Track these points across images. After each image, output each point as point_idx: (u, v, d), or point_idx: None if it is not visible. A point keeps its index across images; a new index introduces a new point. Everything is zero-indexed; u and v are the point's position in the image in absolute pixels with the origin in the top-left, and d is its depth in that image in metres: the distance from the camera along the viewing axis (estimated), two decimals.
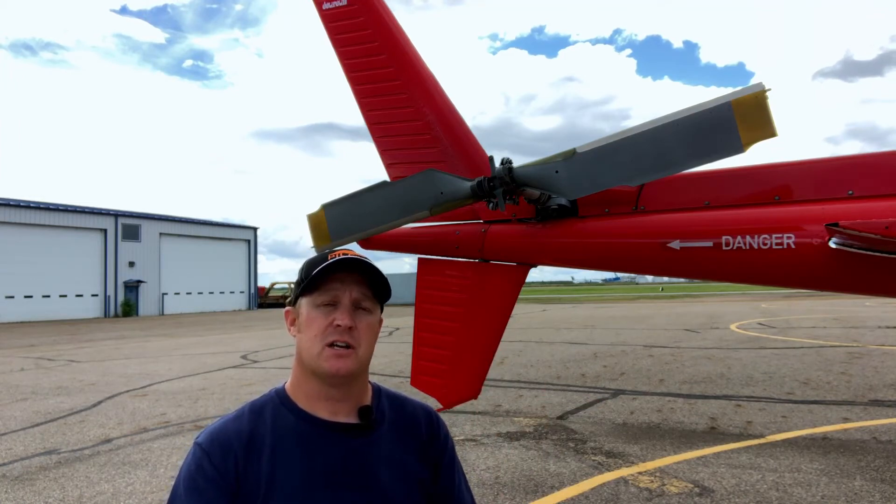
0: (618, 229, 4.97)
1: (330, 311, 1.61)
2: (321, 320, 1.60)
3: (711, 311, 34.21)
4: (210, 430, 1.61)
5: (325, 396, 1.63)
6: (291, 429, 1.59)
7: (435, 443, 1.76)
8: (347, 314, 1.60)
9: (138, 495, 5.76)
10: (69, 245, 47.80)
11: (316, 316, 1.61)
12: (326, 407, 1.63)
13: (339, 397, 1.63)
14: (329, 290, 1.62)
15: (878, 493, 5.33)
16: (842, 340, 17.35)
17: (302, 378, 1.65)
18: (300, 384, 1.66)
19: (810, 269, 4.25)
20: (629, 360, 14.40)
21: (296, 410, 1.62)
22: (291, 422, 1.61)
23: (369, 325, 1.65)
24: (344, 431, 1.61)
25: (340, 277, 1.62)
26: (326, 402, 1.63)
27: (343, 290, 1.62)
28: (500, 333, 5.34)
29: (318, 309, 1.62)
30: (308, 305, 1.64)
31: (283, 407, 1.64)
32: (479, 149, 5.46)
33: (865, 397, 9.42)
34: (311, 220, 5.21)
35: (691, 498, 5.33)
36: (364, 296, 1.64)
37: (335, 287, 1.62)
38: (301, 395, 1.65)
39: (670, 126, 3.94)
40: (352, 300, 1.62)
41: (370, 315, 1.66)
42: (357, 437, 1.62)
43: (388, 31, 5.49)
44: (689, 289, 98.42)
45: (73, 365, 16.23)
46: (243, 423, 1.61)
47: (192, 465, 1.55)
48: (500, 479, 5.98)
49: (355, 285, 1.63)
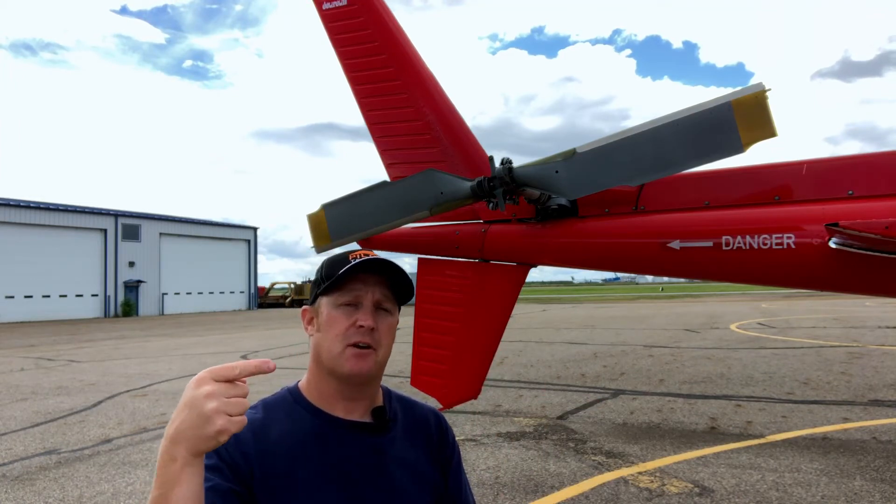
0: (618, 229, 4.97)
1: (352, 311, 1.59)
2: (343, 320, 1.58)
3: (711, 311, 34.21)
4: None
5: (342, 396, 1.62)
6: (307, 425, 1.58)
7: (444, 446, 1.76)
8: (370, 315, 1.59)
9: (138, 495, 5.76)
10: (69, 245, 47.79)
11: (338, 316, 1.59)
12: (342, 406, 1.62)
13: (355, 397, 1.63)
14: (352, 291, 1.60)
15: (878, 493, 5.33)
16: (842, 340, 17.36)
17: (319, 377, 1.64)
18: (316, 383, 1.64)
19: (810, 269, 4.25)
20: (629, 360, 14.40)
21: (311, 408, 1.61)
22: (306, 419, 1.59)
23: (389, 327, 1.64)
24: (361, 430, 1.61)
25: (363, 278, 1.61)
26: (342, 401, 1.62)
27: (366, 290, 1.60)
28: (500, 333, 5.34)
29: (339, 309, 1.60)
30: (329, 305, 1.62)
31: (298, 405, 1.62)
32: (479, 149, 5.46)
33: (865, 397, 9.42)
34: (311, 220, 5.21)
35: (691, 498, 5.33)
36: (385, 297, 1.63)
37: (358, 287, 1.60)
38: (315, 394, 1.63)
39: (670, 126, 3.94)
40: (374, 301, 1.61)
41: (390, 316, 1.65)
42: (373, 436, 1.62)
43: (388, 31, 5.49)
44: (689, 289, 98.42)
45: (73, 365, 16.23)
46: (256, 415, 1.58)
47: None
48: (500, 479, 5.98)
49: (378, 286, 1.62)
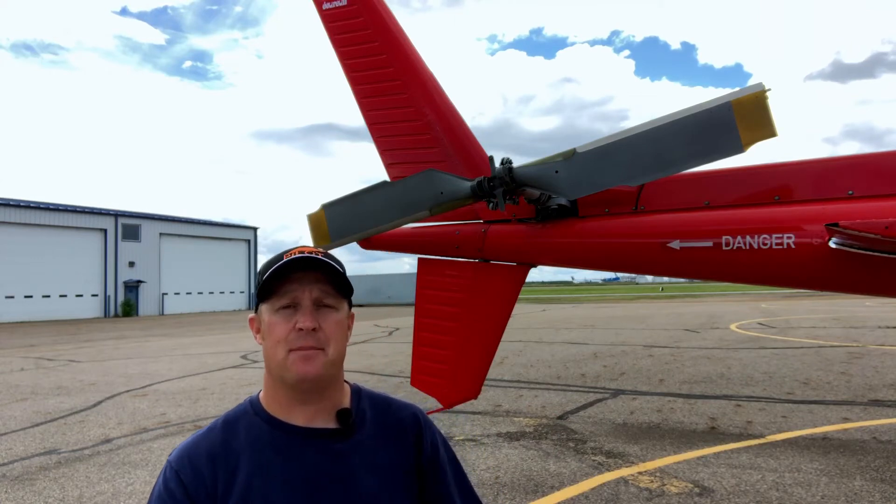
0: (618, 229, 4.97)
1: (291, 314, 1.51)
2: (282, 325, 1.51)
3: (711, 311, 34.19)
4: (181, 448, 1.55)
5: (299, 402, 1.55)
6: (266, 439, 1.53)
7: (421, 445, 1.65)
8: (309, 315, 1.50)
9: (138, 495, 5.76)
10: (69, 245, 47.80)
11: (277, 321, 1.52)
12: (302, 413, 1.55)
13: (313, 401, 1.55)
14: (287, 293, 1.52)
15: (878, 493, 5.33)
16: (842, 340, 17.35)
17: (272, 386, 1.58)
18: (272, 393, 1.58)
19: (810, 270, 4.24)
20: (629, 360, 14.40)
21: (269, 419, 1.55)
22: (266, 431, 1.54)
23: (337, 323, 1.55)
24: (322, 437, 1.54)
25: (298, 277, 1.52)
26: (301, 408, 1.55)
27: (302, 290, 1.52)
28: (500, 333, 5.34)
29: (277, 314, 1.52)
30: (268, 311, 1.54)
31: (258, 417, 1.57)
32: (479, 149, 5.46)
33: (865, 397, 9.41)
34: (311, 220, 5.21)
35: (691, 498, 5.33)
36: (325, 293, 1.54)
37: (293, 288, 1.52)
38: (274, 404, 1.57)
39: (670, 126, 3.94)
40: (313, 300, 1.52)
41: (336, 312, 1.56)
42: (336, 442, 1.55)
43: (389, 31, 5.49)
44: (689, 289, 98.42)
45: (73, 365, 16.23)
46: (215, 437, 1.54)
47: (162, 487, 1.49)
48: (500, 479, 5.98)
49: (315, 283, 1.53)
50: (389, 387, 10.86)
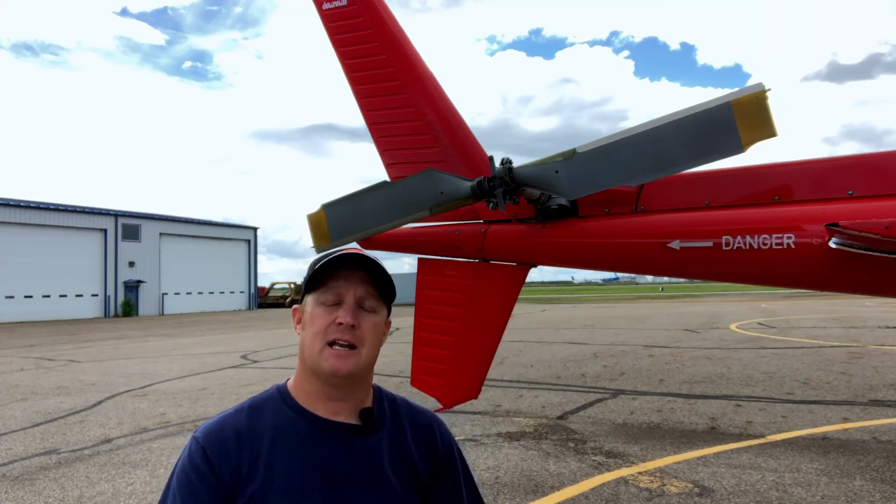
0: (618, 229, 4.96)
1: (333, 309, 1.58)
2: (324, 318, 1.58)
3: (711, 311, 34.20)
4: (208, 426, 1.59)
5: (326, 396, 1.60)
6: (291, 426, 1.57)
7: (437, 451, 1.71)
8: (350, 312, 1.57)
9: (138, 495, 5.76)
10: (69, 245, 47.80)
11: (319, 313, 1.59)
12: (327, 406, 1.60)
13: (340, 397, 1.61)
14: (333, 288, 1.59)
15: (878, 493, 5.33)
16: (842, 340, 17.35)
17: (303, 376, 1.63)
18: (301, 382, 1.64)
19: (810, 270, 4.24)
20: (629, 360, 14.40)
21: (296, 408, 1.60)
22: (291, 418, 1.58)
23: (374, 326, 1.62)
24: (344, 431, 1.59)
25: (345, 275, 1.60)
26: (327, 401, 1.60)
27: (347, 287, 1.59)
28: (500, 333, 5.33)
29: (321, 307, 1.60)
30: (312, 303, 1.62)
31: (284, 404, 1.61)
32: (479, 149, 5.45)
33: (865, 397, 9.42)
34: (311, 220, 5.21)
35: (691, 498, 5.33)
36: (369, 294, 1.61)
37: (339, 285, 1.59)
38: (301, 393, 1.62)
39: (670, 126, 3.94)
40: (356, 298, 1.59)
41: (375, 315, 1.63)
42: (357, 438, 1.59)
43: (389, 31, 5.49)
44: (689, 289, 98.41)
45: (73, 365, 16.23)
46: (242, 418, 1.59)
47: (187, 461, 1.53)
48: (500, 479, 5.98)
49: (360, 283, 1.61)
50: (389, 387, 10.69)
